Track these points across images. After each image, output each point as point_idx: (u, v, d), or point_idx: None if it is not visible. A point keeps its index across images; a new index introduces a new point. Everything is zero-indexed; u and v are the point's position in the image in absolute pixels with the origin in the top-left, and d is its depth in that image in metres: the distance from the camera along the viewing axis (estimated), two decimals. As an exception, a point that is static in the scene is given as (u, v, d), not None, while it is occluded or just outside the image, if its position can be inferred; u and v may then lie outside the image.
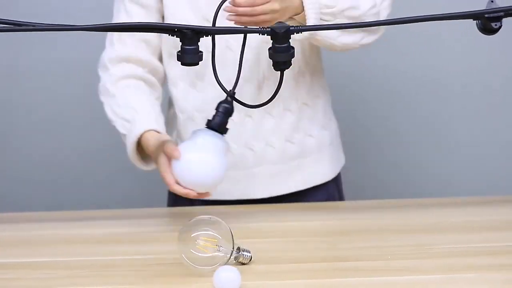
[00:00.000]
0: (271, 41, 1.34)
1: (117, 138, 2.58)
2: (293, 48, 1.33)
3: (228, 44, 1.75)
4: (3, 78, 2.57)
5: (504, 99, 2.59)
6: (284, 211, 1.76)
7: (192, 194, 1.58)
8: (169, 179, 1.58)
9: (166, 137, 1.68)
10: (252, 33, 1.35)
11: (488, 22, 1.27)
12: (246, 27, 1.50)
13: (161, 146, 1.61)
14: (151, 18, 1.78)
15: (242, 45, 1.52)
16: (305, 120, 1.83)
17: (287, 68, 1.34)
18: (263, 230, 1.63)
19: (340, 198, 1.95)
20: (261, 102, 1.53)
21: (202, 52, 1.33)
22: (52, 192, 2.61)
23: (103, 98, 1.79)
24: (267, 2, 1.56)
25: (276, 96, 1.74)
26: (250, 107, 1.54)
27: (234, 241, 1.39)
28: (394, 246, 1.50)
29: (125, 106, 1.75)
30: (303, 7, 1.63)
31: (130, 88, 1.78)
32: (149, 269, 1.42)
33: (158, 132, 1.69)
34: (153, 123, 1.70)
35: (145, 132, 1.69)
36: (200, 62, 1.36)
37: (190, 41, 1.31)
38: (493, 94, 2.59)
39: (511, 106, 2.60)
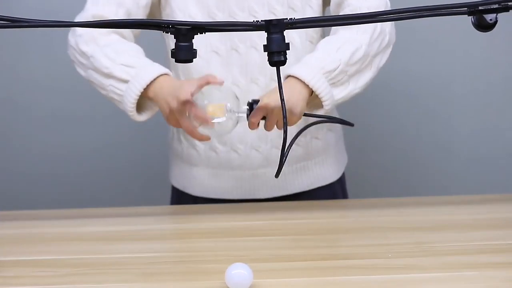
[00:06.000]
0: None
1: (120, 136, 2.60)
2: (287, 43, 1.33)
3: (234, 46, 1.75)
4: (3, 76, 2.58)
5: (505, 98, 2.59)
6: (286, 209, 1.76)
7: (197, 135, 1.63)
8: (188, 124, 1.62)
9: (176, 81, 1.68)
10: (247, 29, 1.34)
11: (482, 16, 1.26)
12: (240, 21, 1.49)
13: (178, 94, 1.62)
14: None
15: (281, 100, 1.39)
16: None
17: (283, 64, 1.33)
18: (264, 228, 1.63)
19: (344, 197, 1.95)
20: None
21: (196, 50, 1.33)
22: (54, 190, 2.62)
23: (89, 47, 1.71)
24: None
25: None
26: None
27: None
28: (394, 244, 1.50)
29: (124, 53, 1.70)
30: (306, 87, 1.62)
31: (123, 41, 1.73)
32: (152, 267, 1.42)
33: (167, 74, 1.68)
34: (161, 68, 1.69)
35: (157, 77, 1.66)
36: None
37: (184, 38, 1.31)
38: (495, 93, 2.59)
39: (511, 105, 2.60)
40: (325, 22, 1.52)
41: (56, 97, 2.58)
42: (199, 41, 1.72)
